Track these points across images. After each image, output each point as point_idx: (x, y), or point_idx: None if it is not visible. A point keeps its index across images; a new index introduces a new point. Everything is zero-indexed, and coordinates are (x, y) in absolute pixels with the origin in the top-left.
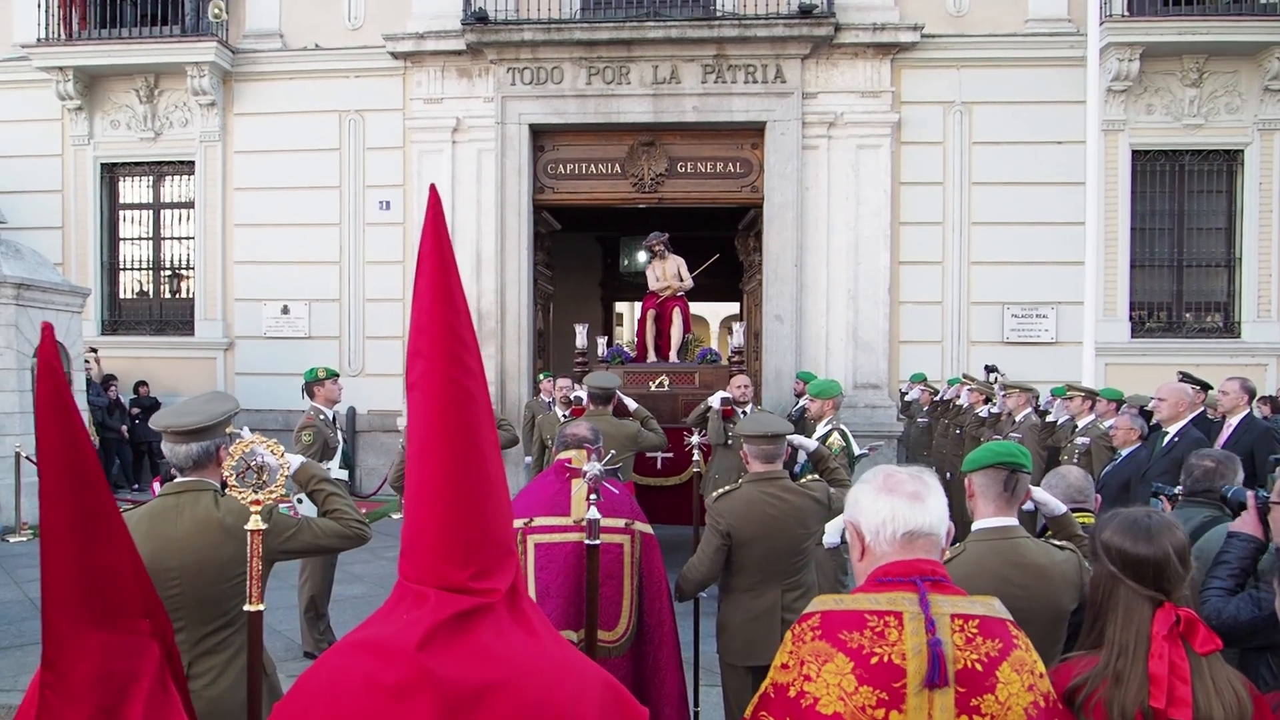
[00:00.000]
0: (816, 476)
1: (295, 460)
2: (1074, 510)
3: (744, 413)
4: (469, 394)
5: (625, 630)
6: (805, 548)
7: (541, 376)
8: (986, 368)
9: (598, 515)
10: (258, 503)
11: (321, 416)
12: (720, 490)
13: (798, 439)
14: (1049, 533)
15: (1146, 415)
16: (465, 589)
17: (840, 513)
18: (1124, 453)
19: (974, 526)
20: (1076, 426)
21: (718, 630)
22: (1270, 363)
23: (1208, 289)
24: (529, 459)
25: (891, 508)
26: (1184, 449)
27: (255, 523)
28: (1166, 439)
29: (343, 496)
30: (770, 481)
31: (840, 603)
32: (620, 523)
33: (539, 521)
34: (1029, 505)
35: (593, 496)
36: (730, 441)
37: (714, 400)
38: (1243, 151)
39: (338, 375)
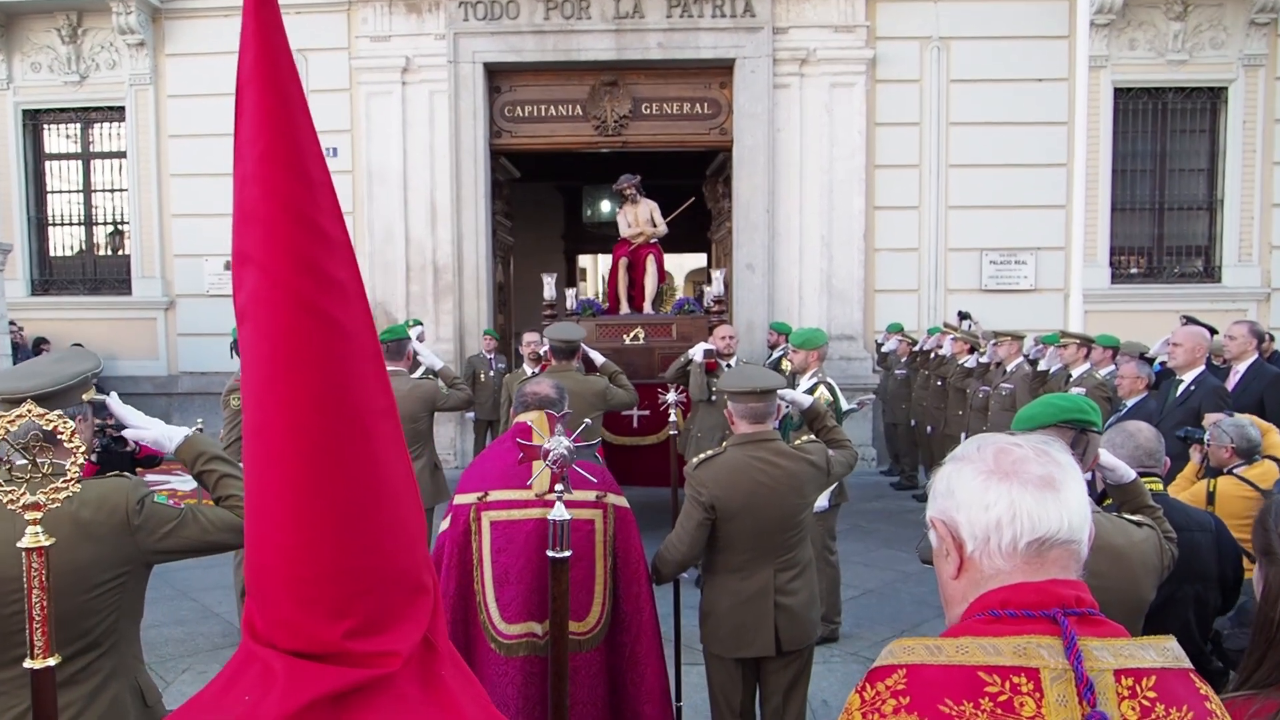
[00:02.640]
0: (812, 437)
1: (176, 434)
2: (1142, 475)
3: (728, 366)
4: (336, 329)
5: (598, 621)
6: (801, 520)
7: (485, 332)
8: (960, 314)
9: (564, 515)
10: (38, 508)
11: None
12: (701, 456)
13: (790, 394)
14: (1107, 501)
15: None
16: (339, 654)
17: (841, 477)
18: (1130, 403)
19: None
20: (1071, 376)
21: (701, 617)
22: (1251, 307)
23: (1189, 232)
24: (471, 415)
25: (1010, 501)
26: (1201, 397)
27: (34, 538)
28: (1182, 387)
29: (242, 479)
30: (760, 444)
31: (937, 652)
32: (590, 495)
33: (495, 496)
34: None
35: (559, 488)
36: (714, 397)
37: (695, 353)
38: (1227, 89)
39: None
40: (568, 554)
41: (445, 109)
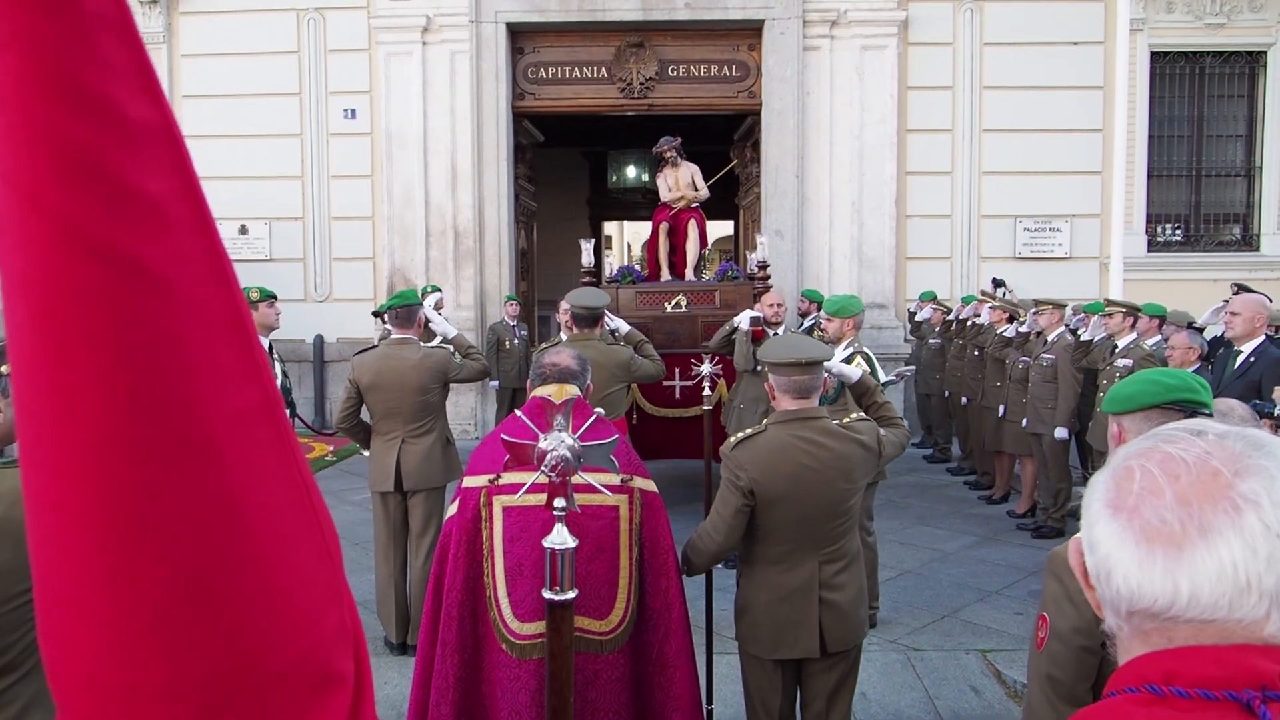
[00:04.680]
0: (862, 415)
1: None
2: None
3: (776, 334)
4: (143, 280)
5: (623, 619)
6: (849, 507)
7: (506, 298)
8: (994, 282)
9: (567, 542)
10: None
11: None
12: (739, 435)
13: (837, 366)
14: None
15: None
16: None
17: (892, 459)
18: None
19: None
20: (1117, 346)
21: (737, 613)
22: None
23: (1226, 199)
24: (495, 383)
25: (1107, 552)
26: (1262, 368)
27: None
28: (1240, 359)
29: None
30: (804, 422)
31: None
32: (614, 479)
33: (508, 479)
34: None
35: (559, 504)
36: (760, 368)
37: (741, 320)
38: (1266, 53)
39: (274, 297)
40: (572, 595)
41: (466, 70)
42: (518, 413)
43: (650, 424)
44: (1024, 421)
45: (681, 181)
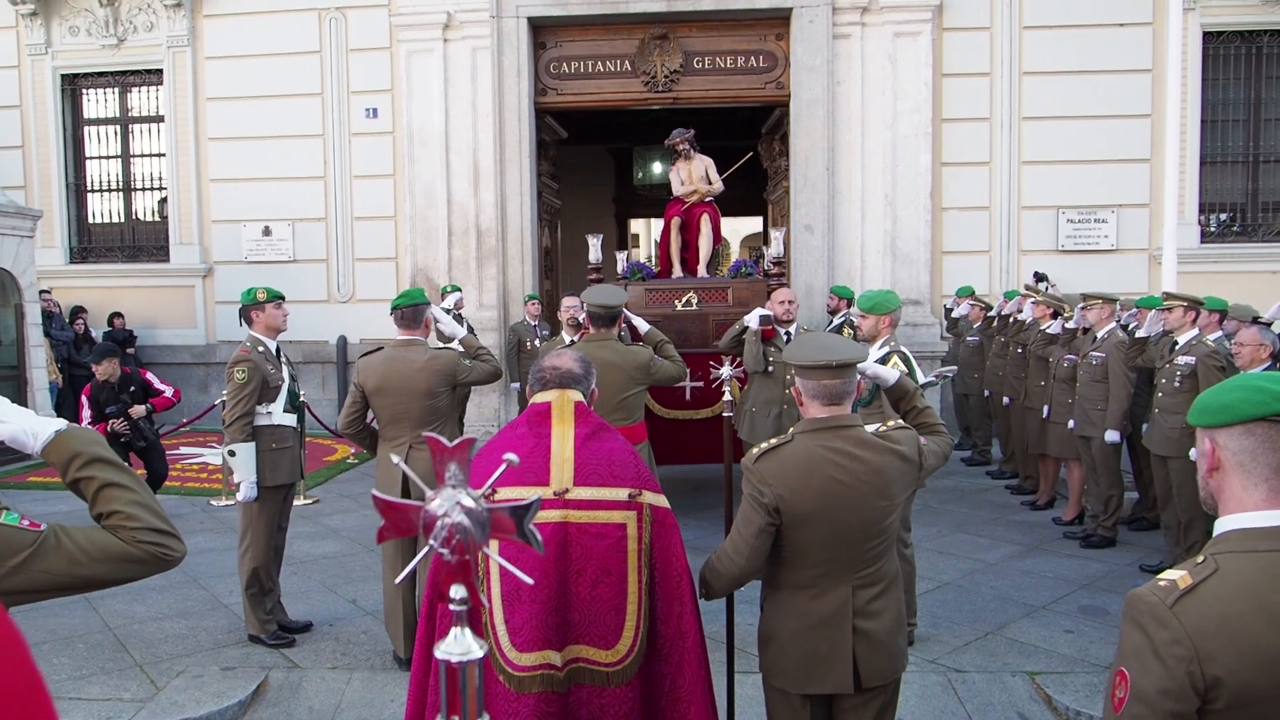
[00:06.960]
0: (900, 422)
1: (44, 429)
2: None
3: (787, 334)
4: None
5: (631, 648)
6: (886, 526)
7: (527, 298)
8: (1036, 276)
9: (472, 652)
10: None
11: (261, 349)
12: (763, 446)
13: (872, 368)
14: None
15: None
16: None
17: (934, 470)
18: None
19: (1222, 527)
20: (1177, 343)
21: (761, 642)
22: None
23: None
24: (515, 384)
25: None
26: None
27: None
28: None
29: (132, 489)
30: (836, 432)
31: None
32: (621, 494)
33: (504, 494)
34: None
35: (457, 598)
36: (771, 368)
37: (751, 319)
38: None
39: (282, 298)
40: None
41: (488, 66)
42: (537, 413)
43: (660, 427)
44: (1070, 423)
45: (695, 175)
